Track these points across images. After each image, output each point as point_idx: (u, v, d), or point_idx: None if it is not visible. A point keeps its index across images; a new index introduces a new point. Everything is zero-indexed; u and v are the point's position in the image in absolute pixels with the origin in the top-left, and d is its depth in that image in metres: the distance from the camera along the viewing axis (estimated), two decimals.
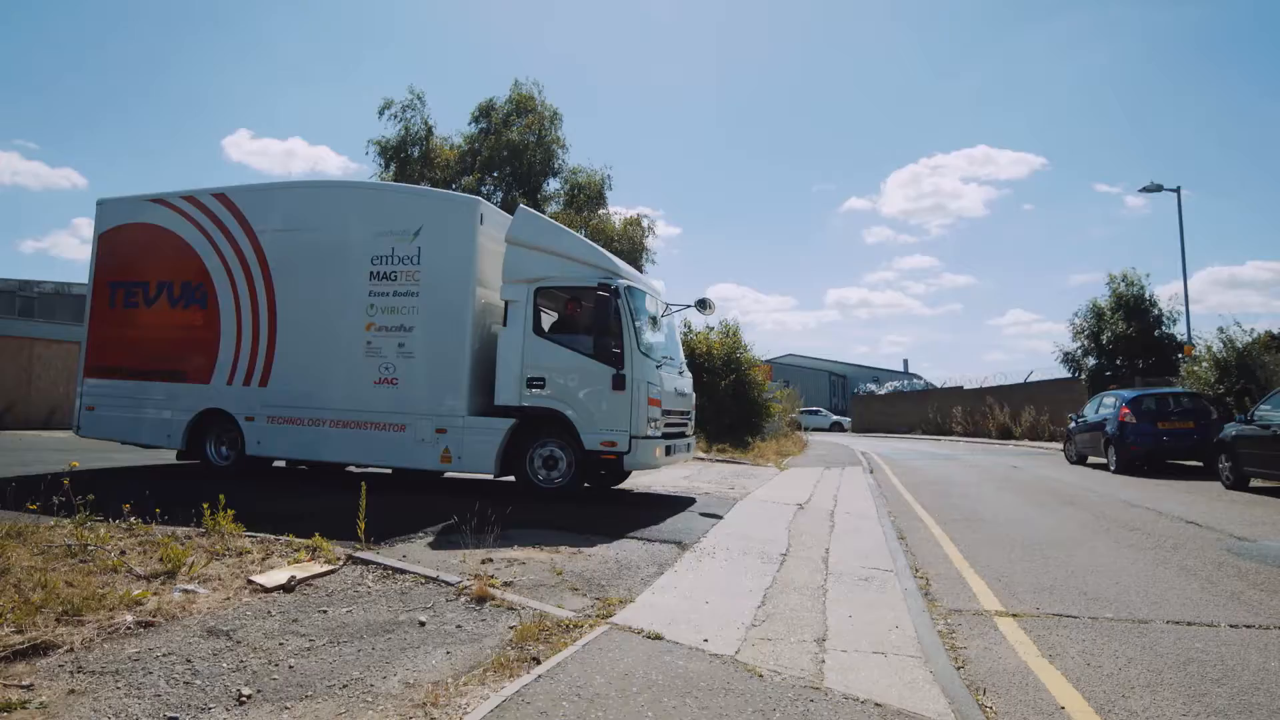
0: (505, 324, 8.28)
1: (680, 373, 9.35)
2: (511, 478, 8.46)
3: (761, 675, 3.31)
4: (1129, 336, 24.61)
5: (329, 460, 9.24)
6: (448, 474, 9.58)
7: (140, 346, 9.75)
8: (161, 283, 9.71)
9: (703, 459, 15.06)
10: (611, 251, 22.54)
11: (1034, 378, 31.08)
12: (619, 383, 7.92)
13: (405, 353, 8.48)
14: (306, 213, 9.24)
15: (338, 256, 8.87)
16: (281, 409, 8.98)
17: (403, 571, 4.79)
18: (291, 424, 8.95)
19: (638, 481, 10.80)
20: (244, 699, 2.89)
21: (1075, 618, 4.46)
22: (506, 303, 8.29)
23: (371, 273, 8.65)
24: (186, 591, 4.15)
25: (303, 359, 8.98)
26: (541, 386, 8.14)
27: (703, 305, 9.63)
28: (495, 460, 8.19)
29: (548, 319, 8.74)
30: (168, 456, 10.54)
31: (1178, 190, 22.39)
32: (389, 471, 9.86)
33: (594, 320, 7.96)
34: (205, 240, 9.47)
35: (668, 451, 8.46)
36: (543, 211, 23.06)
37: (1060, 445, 19.55)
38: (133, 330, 9.83)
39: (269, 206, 9.41)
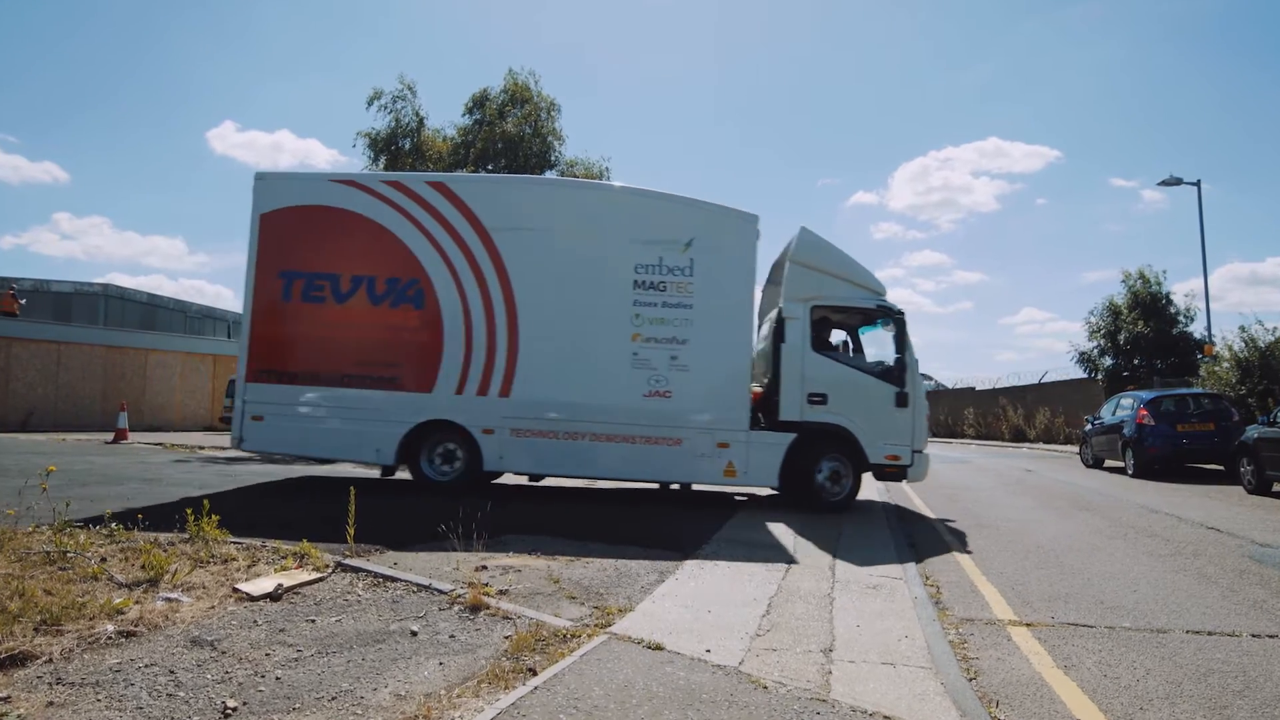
0: (784, 340, 8.68)
1: None
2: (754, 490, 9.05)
3: (766, 687, 3.31)
4: (1147, 336, 24.61)
5: (587, 476, 9.19)
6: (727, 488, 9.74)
7: (330, 348, 8.77)
8: (359, 276, 8.76)
9: None
10: None
11: (1048, 378, 31.07)
12: (903, 400, 8.63)
13: (679, 365, 8.57)
14: (552, 213, 8.95)
15: (593, 262, 8.73)
16: (528, 421, 8.64)
17: (394, 579, 4.79)
18: (542, 437, 8.64)
19: (638, 483, 10.79)
20: (229, 711, 2.89)
21: (1091, 627, 4.47)
22: (785, 320, 8.69)
23: (636, 281, 8.62)
24: (170, 600, 4.15)
25: (552, 368, 8.66)
26: (823, 402, 8.62)
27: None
28: (778, 473, 8.58)
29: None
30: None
31: (1198, 184, 22.40)
32: (409, 474, 9.83)
33: (896, 341, 8.78)
34: (418, 232, 8.72)
35: None
36: None
37: (1076, 448, 19.55)
38: (317, 329, 8.84)
39: (503, 202, 8.94)
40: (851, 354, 9.35)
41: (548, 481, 10.96)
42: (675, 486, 9.68)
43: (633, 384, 8.56)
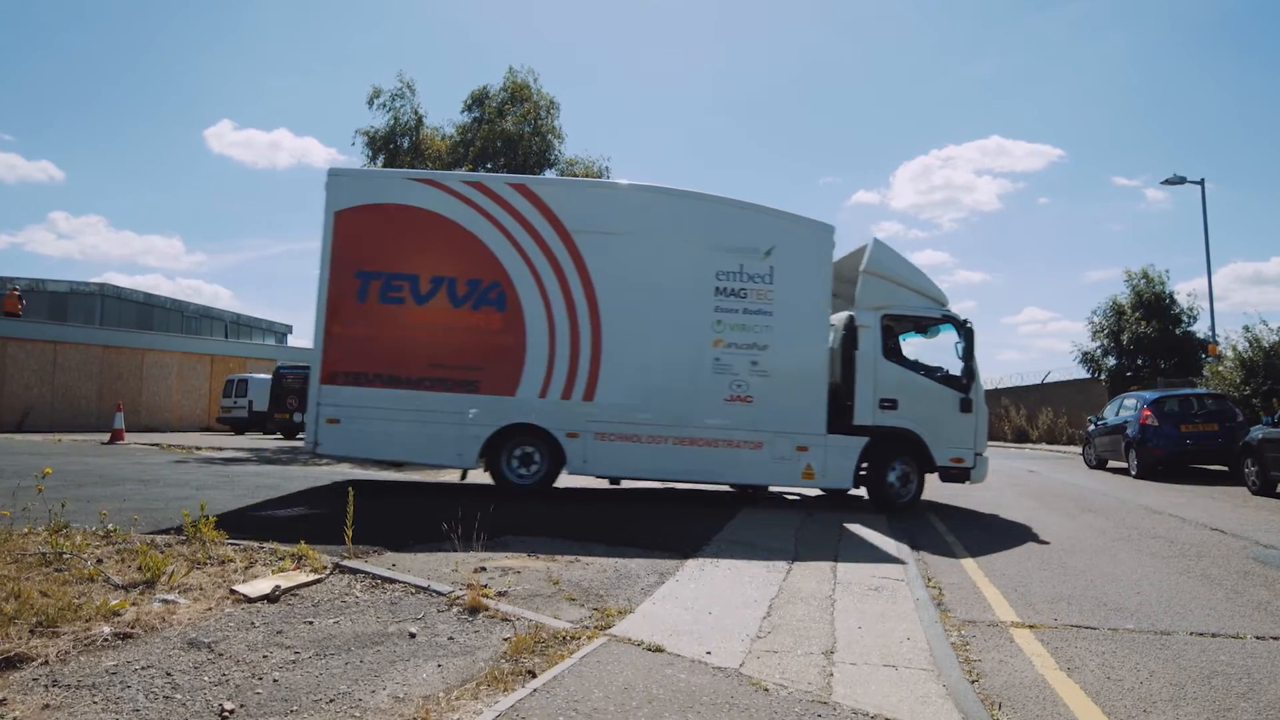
0: (858, 348, 9.08)
1: None
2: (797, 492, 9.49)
3: (767, 689, 3.31)
4: (1150, 335, 24.62)
5: (670, 479, 9.36)
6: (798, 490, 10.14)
7: (409, 350, 8.65)
8: (439, 277, 8.65)
9: None
10: None
11: (1051, 378, 31.08)
12: (966, 406, 9.17)
13: (759, 371, 8.80)
14: (633, 218, 9.01)
15: (676, 268, 8.89)
16: (612, 425, 8.73)
17: (392, 581, 4.79)
18: (626, 441, 8.73)
19: (638, 485, 10.79)
20: (226, 714, 2.89)
21: (1095, 629, 4.47)
22: (859, 328, 9.08)
23: (717, 288, 8.80)
24: (166, 602, 4.15)
25: (635, 373, 8.79)
26: (894, 407, 9.05)
27: None
28: (853, 475, 8.99)
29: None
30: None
31: (1201, 183, 22.40)
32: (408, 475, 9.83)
33: (960, 346, 9.33)
34: (499, 233, 8.68)
35: None
36: None
37: (1079, 449, 19.56)
38: (396, 330, 8.68)
39: (585, 205, 9.01)
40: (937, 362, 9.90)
41: (571, 483, 10.97)
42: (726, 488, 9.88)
43: (714, 388, 8.78)
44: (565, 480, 10.61)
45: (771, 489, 10.11)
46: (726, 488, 10.14)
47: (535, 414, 8.66)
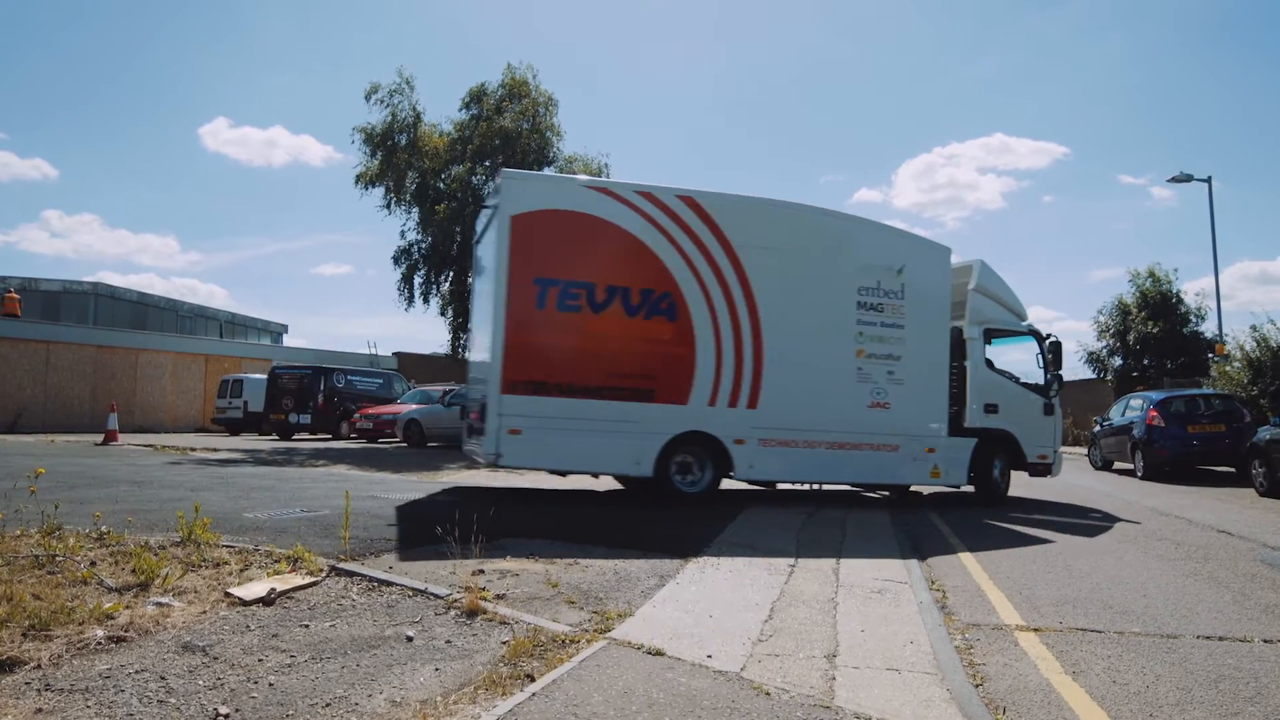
0: (968, 358, 10.20)
1: None
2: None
3: (769, 693, 3.31)
4: (1156, 335, 24.63)
5: (822, 481, 10.07)
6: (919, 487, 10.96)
7: (586, 359, 8.71)
8: (614, 286, 8.77)
9: None
10: None
11: (1039, 370, 31.05)
12: (1049, 409, 10.64)
13: (895, 379, 9.62)
14: (787, 234, 9.49)
15: (824, 283, 9.52)
16: (774, 431, 9.16)
17: (389, 584, 4.79)
18: (786, 446, 9.23)
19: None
20: (221, 718, 2.89)
21: (1100, 632, 4.47)
22: (968, 340, 10.23)
23: (859, 302, 9.55)
24: (160, 605, 4.15)
25: (791, 381, 9.21)
26: (995, 412, 10.27)
27: None
28: (966, 472, 10.05)
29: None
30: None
31: (1208, 181, 22.41)
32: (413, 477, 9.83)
33: (1040, 357, 10.78)
34: (669, 244, 8.90)
35: None
36: None
37: (1084, 450, 19.57)
38: (574, 339, 8.72)
39: (746, 220, 9.30)
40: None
41: (545, 484, 10.98)
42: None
43: (858, 396, 9.52)
44: (564, 482, 10.62)
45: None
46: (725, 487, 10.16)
47: (706, 422, 8.96)
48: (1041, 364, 10.83)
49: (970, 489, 10.34)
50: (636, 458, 8.75)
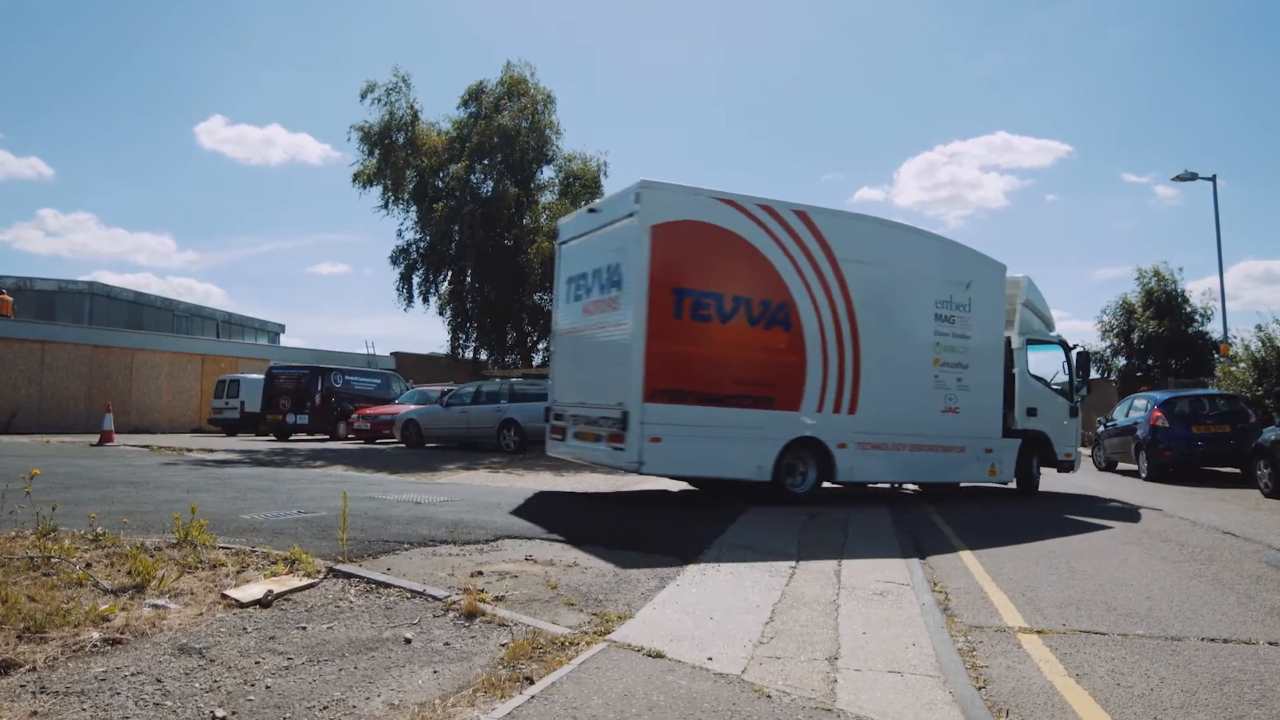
0: (1015, 367, 11.29)
1: None
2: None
3: (770, 696, 3.31)
4: (1161, 335, 24.63)
5: (905, 480, 10.97)
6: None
7: (715, 368, 8.98)
8: (739, 297, 9.09)
9: None
10: None
11: (1059, 378, 31.07)
12: (1074, 413, 12.06)
13: (963, 386, 10.54)
14: (882, 249, 10.13)
15: (909, 295, 10.30)
16: (869, 435, 9.78)
17: (387, 585, 4.79)
18: (878, 449, 9.92)
19: (640, 486, 10.81)
20: None
21: (1104, 634, 4.47)
22: (1014, 350, 11.35)
23: (935, 314, 10.39)
24: (157, 607, 4.15)
25: (883, 388, 9.83)
26: (1034, 415, 11.44)
27: None
28: (1015, 470, 11.16)
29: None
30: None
31: (1213, 179, 22.38)
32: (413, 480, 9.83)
33: (1060, 368, 12.18)
34: (785, 257, 9.28)
35: None
36: (536, 202, 23.04)
37: (1088, 451, 19.57)
38: (704, 348, 8.98)
39: (849, 235, 9.79)
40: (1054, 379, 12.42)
41: (544, 485, 10.99)
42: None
43: (934, 401, 10.34)
44: (559, 484, 10.62)
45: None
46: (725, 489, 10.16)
47: (815, 427, 9.44)
48: (1066, 372, 12.17)
49: (978, 483, 11.20)
50: (759, 462, 9.15)
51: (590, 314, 9.54)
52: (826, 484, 9.89)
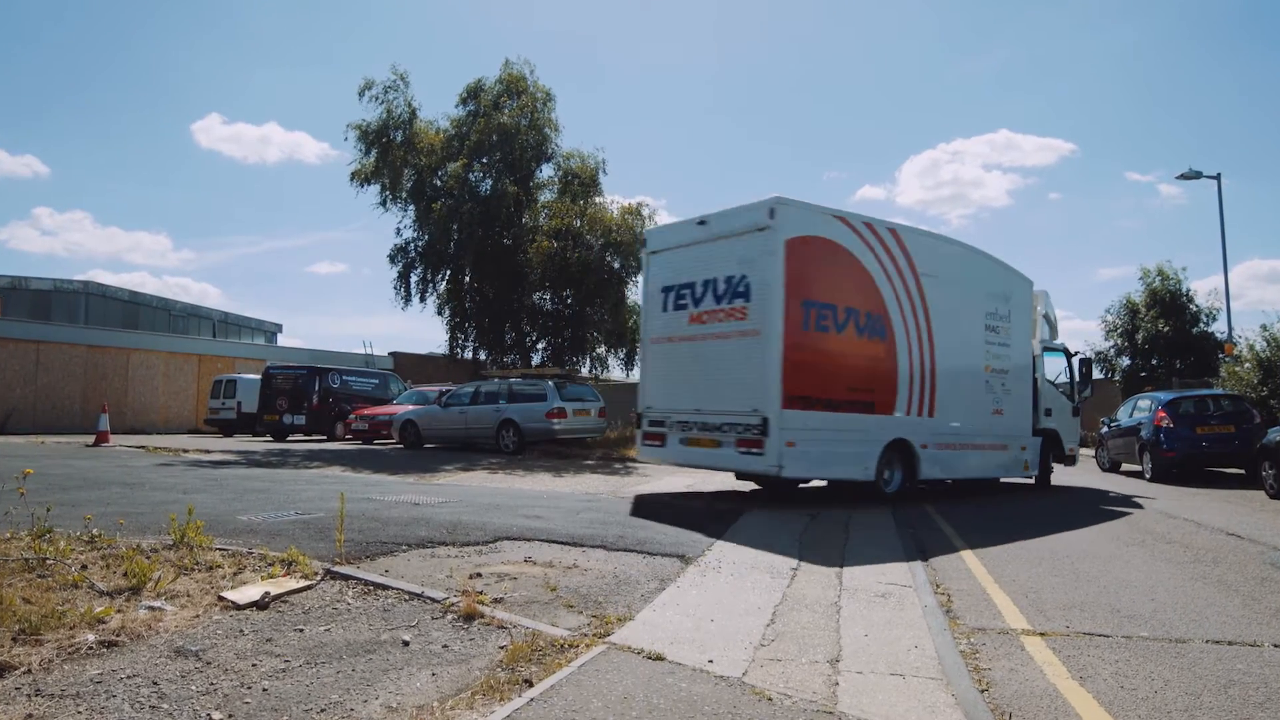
0: (1036, 372, 12.64)
1: None
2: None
3: (771, 698, 3.31)
4: (1165, 335, 24.62)
5: (962, 477, 11.58)
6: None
7: (832, 375, 9.63)
8: (849, 309, 9.74)
9: None
10: (610, 243, 22.31)
11: (1063, 378, 31.07)
12: (1077, 412, 13.71)
13: (1005, 390, 11.74)
14: (950, 264, 11.08)
15: (969, 307, 11.31)
16: (942, 436, 10.68)
17: (385, 587, 4.80)
18: (948, 449, 10.82)
19: (639, 489, 10.81)
20: None
21: (1108, 636, 4.47)
22: (1035, 357, 12.64)
23: (985, 325, 11.49)
24: (152, 609, 4.15)
25: (950, 392, 10.77)
26: (1049, 415, 12.86)
27: None
28: (1039, 465, 12.49)
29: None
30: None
31: (1218, 177, 22.37)
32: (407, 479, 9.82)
33: (1068, 371, 13.73)
34: (882, 271, 10.02)
35: None
36: (535, 200, 23.03)
37: (1091, 451, 19.56)
38: (824, 357, 9.57)
39: (927, 251, 10.66)
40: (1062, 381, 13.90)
41: (544, 486, 10.99)
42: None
43: (985, 404, 11.42)
44: (559, 485, 10.61)
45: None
46: (727, 489, 10.23)
47: (906, 430, 10.20)
48: (1068, 376, 13.65)
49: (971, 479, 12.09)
50: (865, 464, 9.83)
51: (702, 322, 9.90)
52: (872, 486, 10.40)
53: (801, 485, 11.21)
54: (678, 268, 10.33)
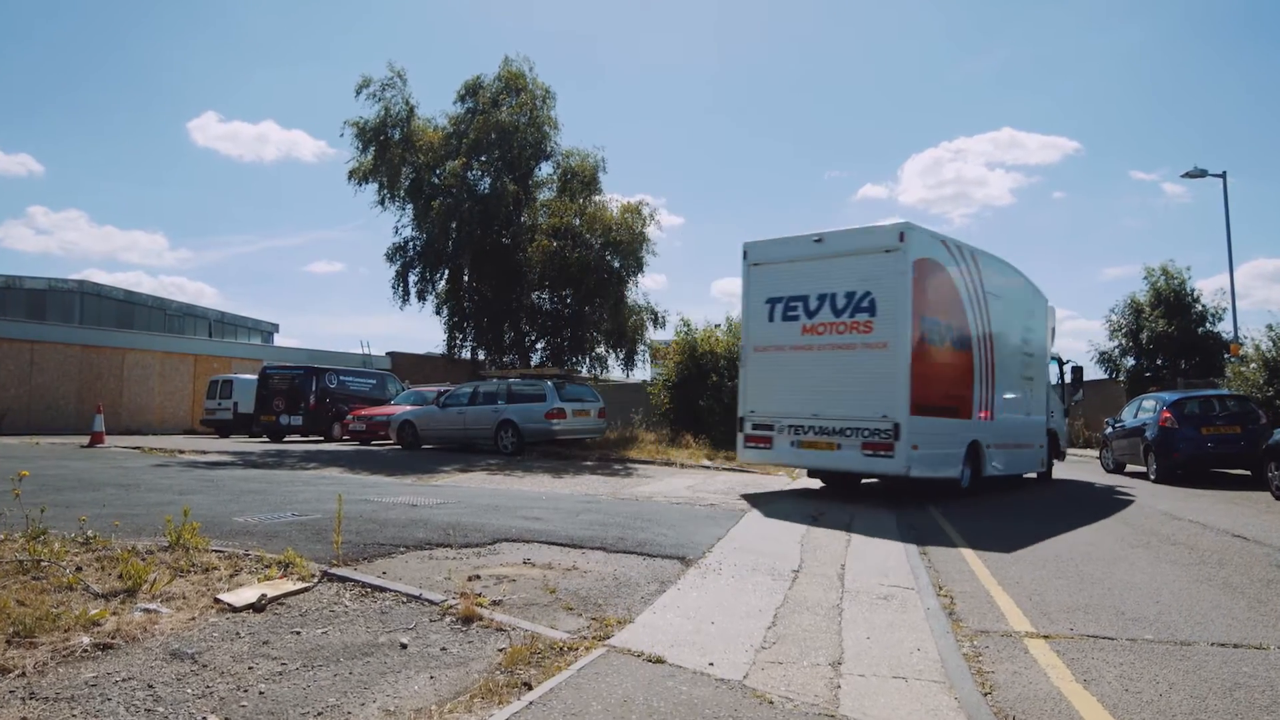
0: (1049, 378, 14.44)
1: None
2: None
3: (772, 702, 3.31)
4: (1170, 334, 24.61)
5: (1002, 473, 12.38)
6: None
7: (938, 384, 10.61)
8: (948, 324, 10.84)
9: (708, 467, 15.07)
10: (610, 242, 22.31)
11: (1067, 379, 31.07)
12: (1067, 413, 16.14)
13: (1033, 395, 13.34)
14: (1003, 283, 12.43)
15: (1012, 320, 12.66)
16: (998, 437, 12.04)
17: (383, 589, 4.80)
18: (1001, 448, 12.14)
19: (639, 490, 10.81)
20: None
21: (1112, 639, 4.47)
22: (1049, 366, 14.55)
23: (1021, 337, 13.01)
24: (148, 611, 4.15)
25: (1004, 397, 12.22)
26: (1053, 417, 14.44)
27: None
28: (1048, 460, 14.25)
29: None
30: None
31: (1223, 175, 22.39)
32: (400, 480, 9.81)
33: (1059, 377, 15.62)
34: (967, 289, 11.22)
35: None
36: (535, 199, 23.03)
37: (1095, 452, 19.58)
38: (934, 368, 10.57)
39: (991, 271, 11.93)
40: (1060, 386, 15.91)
41: (543, 487, 10.99)
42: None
43: (1020, 407, 12.88)
44: (558, 487, 10.61)
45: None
46: (727, 490, 10.27)
47: (979, 431, 11.45)
48: (1059, 382, 15.48)
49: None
50: (955, 464, 10.95)
51: (818, 334, 10.63)
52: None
53: (799, 487, 11.62)
54: (787, 280, 11.00)
